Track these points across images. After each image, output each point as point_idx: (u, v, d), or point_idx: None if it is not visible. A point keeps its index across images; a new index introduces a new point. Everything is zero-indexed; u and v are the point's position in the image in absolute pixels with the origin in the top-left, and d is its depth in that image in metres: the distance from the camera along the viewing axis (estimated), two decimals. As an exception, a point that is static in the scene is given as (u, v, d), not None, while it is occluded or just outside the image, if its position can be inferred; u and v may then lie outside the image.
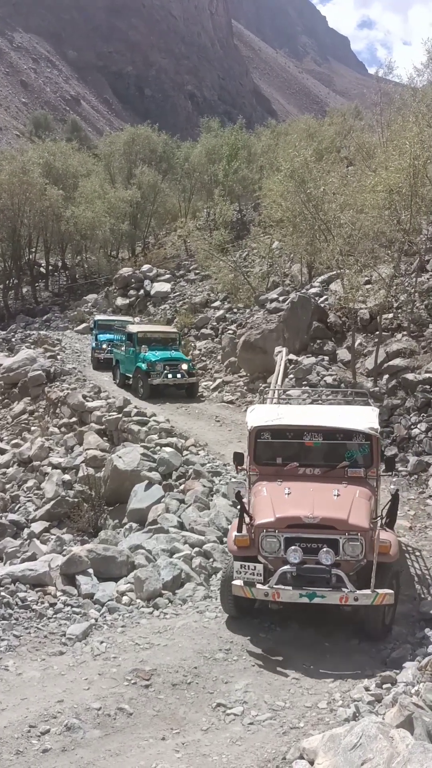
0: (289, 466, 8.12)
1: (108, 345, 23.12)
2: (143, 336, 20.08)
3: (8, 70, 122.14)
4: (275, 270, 25.00)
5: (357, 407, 9.04)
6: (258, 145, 39.88)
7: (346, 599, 6.81)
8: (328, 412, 8.92)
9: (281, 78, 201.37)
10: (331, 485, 7.70)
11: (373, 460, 8.02)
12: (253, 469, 8.33)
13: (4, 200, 36.44)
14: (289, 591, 6.94)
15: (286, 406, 9.71)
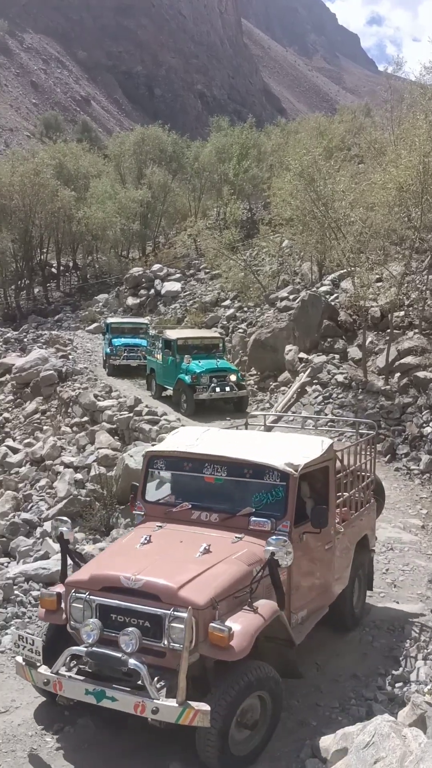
0: (179, 507, 6.40)
1: (126, 350, 22.19)
2: (184, 343, 18.09)
3: (19, 71, 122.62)
4: (285, 268, 24.99)
5: (306, 436, 7.47)
6: (268, 143, 39.87)
7: (142, 708, 4.79)
8: (252, 440, 7.12)
9: (291, 76, 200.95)
10: (215, 537, 5.87)
11: (287, 510, 5.96)
12: (138, 507, 6.73)
13: (16, 201, 36.68)
14: (75, 683, 5.11)
15: (222, 431, 7.71)
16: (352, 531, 7.35)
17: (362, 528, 7.74)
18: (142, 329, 23.67)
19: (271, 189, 25.93)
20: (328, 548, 6.65)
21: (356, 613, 7.53)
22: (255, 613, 5.19)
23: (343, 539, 7.02)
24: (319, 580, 6.64)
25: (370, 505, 8.10)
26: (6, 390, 21.98)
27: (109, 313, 32.25)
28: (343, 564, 7.06)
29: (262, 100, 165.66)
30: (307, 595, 6.37)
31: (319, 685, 6.44)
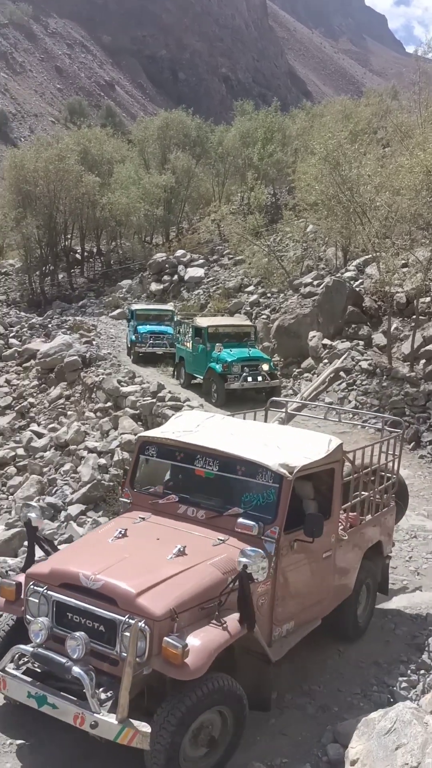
0: (166, 499, 6.03)
1: (151, 337, 21.91)
2: (215, 331, 17.72)
3: (43, 56, 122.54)
4: (310, 254, 24.81)
5: (315, 434, 6.83)
6: (293, 127, 39.41)
7: (81, 720, 4.48)
8: (255, 433, 6.52)
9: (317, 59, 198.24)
10: (195, 538, 5.45)
11: (277, 514, 5.46)
12: (126, 495, 6.39)
13: (41, 188, 36.77)
14: (20, 683, 4.80)
15: (229, 419, 7.31)
16: (362, 538, 6.87)
17: (375, 534, 7.21)
18: (168, 316, 23.39)
19: (295, 173, 25.71)
20: (326, 557, 6.14)
21: (360, 623, 7.05)
22: (221, 629, 4.71)
23: (348, 547, 6.52)
24: (312, 591, 6.05)
25: (388, 510, 7.53)
26: (31, 375, 22.17)
27: (133, 299, 32.29)
28: (346, 573, 6.58)
29: (287, 84, 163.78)
30: (296, 607, 5.82)
31: (341, 671, 6.45)
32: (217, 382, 16.50)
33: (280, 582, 5.51)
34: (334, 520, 6.23)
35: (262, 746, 5.37)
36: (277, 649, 5.50)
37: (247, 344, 17.57)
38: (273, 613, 5.50)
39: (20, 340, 26.75)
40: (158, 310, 24.16)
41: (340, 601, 6.52)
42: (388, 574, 7.89)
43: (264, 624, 5.38)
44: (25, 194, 37.38)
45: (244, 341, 17.80)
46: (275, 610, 5.52)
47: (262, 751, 5.30)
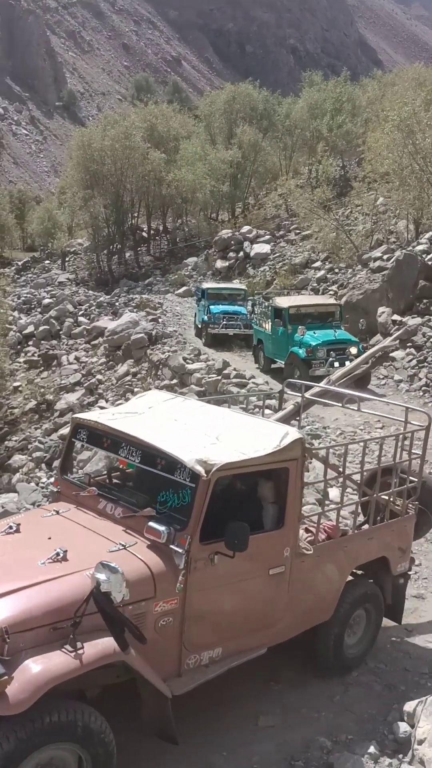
0: (87, 491, 5.36)
1: (225, 318, 20.99)
2: (296, 312, 16.38)
3: (110, 33, 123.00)
4: (379, 227, 24.15)
5: (276, 426, 5.68)
6: (363, 97, 38.31)
7: None
8: (199, 420, 5.62)
9: (388, 26, 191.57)
10: (92, 540, 4.78)
11: (190, 521, 4.61)
12: (55, 482, 5.82)
13: (108, 166, 37.10)
14: None
15: (191, 402, 6.43)
16: (345, 553, 5.79)
17: (373, 549, 6.08)
18: (240, 295, 22.77)
19: (366, 144, 25.00)
20: (275, 574, 5.15)
21: (349, 656, 5.92)
22: (71, 655, 3.94)
23: (318, 563, 5.51)
24: (252, 615, 5.10)
25: (400, 520, 6.30)
26: (99, 353, 22.58)
27: (198, 277, 32.31)
28: (318, 594, 5.58)
29: (357, 53, 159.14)
30: (224, 632, 4.92)
31: (408, 651, 6.35)
32: (300, 368, 15.04)
33: (193, 601, 4.64)
34: (289, 531, 5.20)
35: (327, 722, 5.35)
36: (186, 680, 4.68)
37: (332, 325, 16.14)
38: (183, 637, 4.66)
39: (89, 318, 27.25)
40: (230, 289, 23.33)
41: (309, 626, 5.59)
42: (404, 596, 6.55)
43: (168, 650, 4.61)
44: (92, 173, 37.84)
45: (329, 322, 16.34)
46: (186, 633, 4.66)
47: (327, 727, 5.28)
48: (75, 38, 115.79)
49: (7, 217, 48.80)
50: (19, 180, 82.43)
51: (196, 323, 22.92)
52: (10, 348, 24.20)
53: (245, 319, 20.79)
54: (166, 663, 4.61)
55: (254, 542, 4.80)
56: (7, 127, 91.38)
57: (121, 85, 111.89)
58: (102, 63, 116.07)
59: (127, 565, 4.35)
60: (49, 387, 21.53)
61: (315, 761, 4.90)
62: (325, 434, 12.71)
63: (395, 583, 6.38)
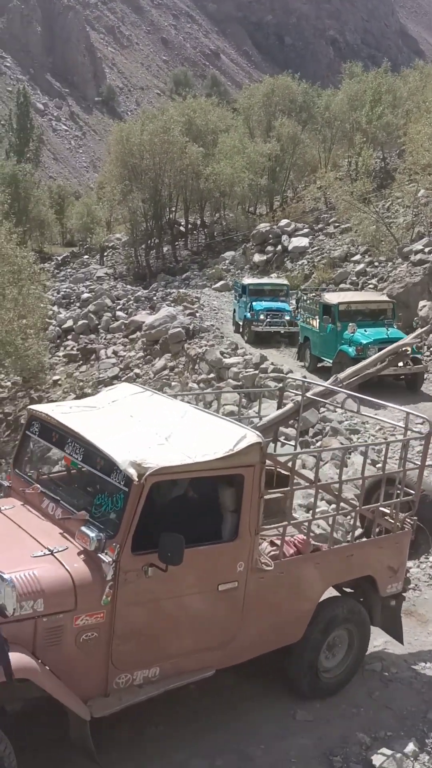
0: (31, 488, 5.08)
1: (268, 315, 20.17)
2: (346, 309, 15.69)
3: (149, 28, 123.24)
4: (421, 220, 23.73)
5: (233, 425, 5.12)
6: (404, 88, 37.68)
7: None
8: (157, 417, 5.24)
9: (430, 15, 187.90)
10: (22, 542, 4.50)
11: (120, 528, 4.27)
12: (7, 476, 5.54)
13: (146, 161, 37.25)
14: None
15: (158, 398, 5.82)
16: (318, 571, 5.30)
17: (354, 566, 5.58)
18: (283, 291, 22.01)
19: (407, 135, 24.59)
20: (227, 590, 4.74)
21: (326, 679, 5.48)
22: None
23: (282, 580, 5.05)
24: (197, 632, 4.72)
25: (391, 537, 5.77)
26: (137, 347, 22.74)
27: (236, 271, 32.24)
28: (283, 613, 5.15)
29: (398, 43, 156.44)
30: (163, 650, 4.59)
31: (449, 649, 6.27)
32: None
33: (123, 616, 4.31)
34: (244, 544, 4.76)
35: (366, 718, 5.32)
36: (112, 701, 4.34)
37: (384, 323, 15.40)
38: (112, 654, 4.35)
39: (126, 312, 27.45)
40: (272, 285, 22.53)
41: (273, 647, 5.20)
42: (399, 620, 6.00)
43: (93, 667, 4.29)
44: (131, 168, 38.03)
45: (380, 320, 15.61)
46: (116, 650, 4.35)
47: (366, 723, 5.25)
48: (114, 33, 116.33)
49: (47, 213, 49.38)
50: (58, 175, 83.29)
51: (236, 320, 22.27)
52: (50, 342, 24.53)
53: (290, 316, 20.18)
54: (89, 681, 4.27)
55: (200, 555, 4.53)
56: (47, 122, 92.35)
57: (160, 80, 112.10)
58: (141, 58, 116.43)
59: (46, 572, 4.12)
60: (88, 381, 21.78)
61: (353, 757, 4.88)
62: (364, 429, 12.59)
63: (386, 605, 5.85)
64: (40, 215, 47.86)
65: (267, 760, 4.82)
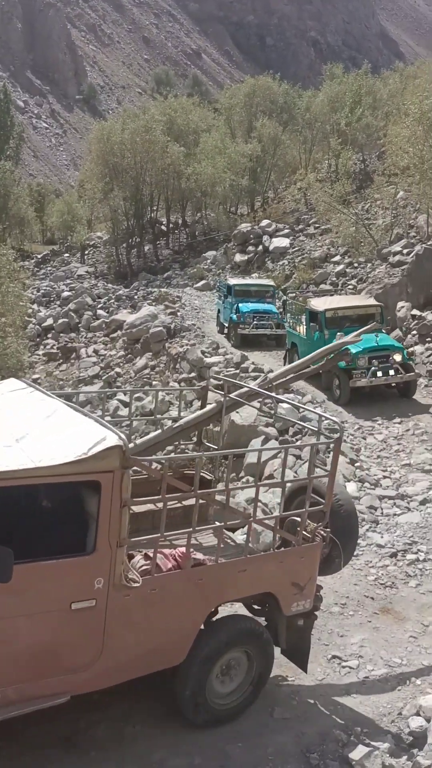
0: None
1: (255, 317, 19.57)
2: (333, 315, 15.06)
3: (131, 27, 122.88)
4: (399, 221, 23.94)
5: (94, 426, 4.58)
6: (384, 90, 37.95)
7: None
8: (18, 416, 4.90)
9: (410, 18, 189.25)
10: None
11: None
12: None
13: (127, 159, 37.16)
14: None
15: (36, 393, 5.36)
16: (200, 587, 4.84)
17: (246, 583, 5.10)
18: (269, 292, 21.53)
19: (386, 137, 24.78)
20: (81, 608, 4.32)
21: (220, 706, 5.07)
22: None
23: (156, 599, 4.63)
24: (42, 656, 4.29)
25: (289, 551, 5.33)
26: (118, 346, 22.70)
27: (218, 270, 32.28)
28: (156, 636, 4.70)
29: (379, 45, 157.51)
30: (5, 675, 4.18)
31: (425, 646, 6.35)
32: (340, 378, 13.95)
33: None
34: (103, 558, 4.34)
35: (343, 715, 5.39)
36: None
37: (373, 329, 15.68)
38: None
39: (107, 311, 27.38)
40: (259, 285, 21.84)
41: (147, 671, 4.79)
42: (307, 641, 5.54)
43: None
44: (112, 166, 37.90)
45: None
46: None
47: (343, 720, 5.31)
48: (95, 31, 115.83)
49: (27, 211, 49.04)
50: (38, 173, 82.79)
51: (221, 321, 21.79)
52: (29, 340, 24.38)
53: (276, 319, 19.75)
54: None
55: (45, 570, 4.16)
56: (28, 120, 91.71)
57: (141, 79, 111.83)
58: (122, 56, 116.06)
59: None
60: (68, 379, 21.70)
61: (330, 754, 4.94)
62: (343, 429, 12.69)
63: (292, 625, 5.38)
64: (19, 213, 47.53)
65: (245, 758, 4.86)
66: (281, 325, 19.22)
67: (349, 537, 5.78)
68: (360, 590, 7.33)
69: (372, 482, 10.45)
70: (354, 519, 5.88)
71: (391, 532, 8.77)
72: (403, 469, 10.97)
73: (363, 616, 6.86)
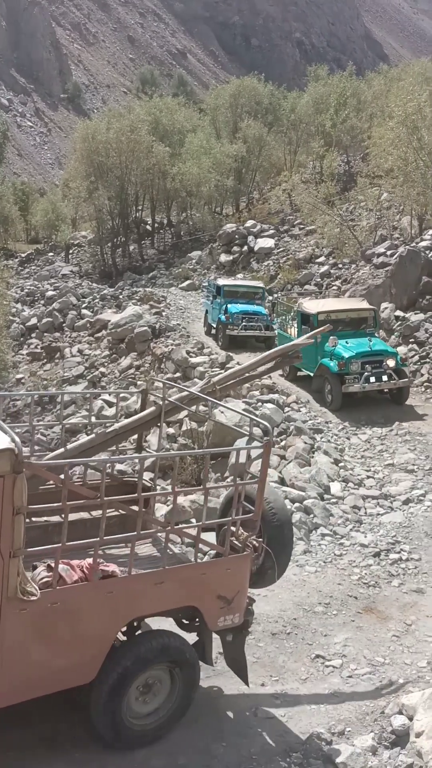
0: None
1: (245, 318, 19.28)
2: (326, 319, 14.31)
3: (116, 26, 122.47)
4: (383, 223, 24.07)
5: None
6: (368, 92, 38.15)
7: None
8: None
9: (394, 20, 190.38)
10: None
11: None
12: None
13: (112, 159, 37.06)
14: None
15: None
16: (109, 601, 4.57)
17: (165, 597, 4.83)
18: (258, 294, 21.20)
19: (370, 139, 24.92)
20: None
21: (138, 727, 4.82)
22: None
23: (57, 614, 4.36)
24: None
25: (213, 563, 5.32)
26: (102, 345, 22.62)
27: (203, 271, 32.28)
28: (59, 653, 4.43)
29: (363, 47, 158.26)
30: None
31: (407, 645, 6.39)
32: (332, 383, 13.67)
33: None
34: None
35: (326, 714, 5.41)
36: None
37: (366, 333, 14.50)
38: None
39: (92, 311, 27.29)
40: (248, 287, 21.53)
41: (49, 691, 4.52)
42: (242, 656, 5.32)
43: None
44: (96, 166, 37.77)
45: (362, 329, 14.69)
46: None
47: (326, 719, 5.34)
48: (80, 30, 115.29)
49: (11, 209, 48.79)
50: (23, 172, 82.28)
51: (209, 322, 21.56)
52: (13, 340, 24.25)
53: (266, 320, 19.51)
54: None
55: None
56: (12, 119, 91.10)
57: (126, 78, 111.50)
58: (107, 55, 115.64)
59: None
60: (52, 379, 21.59)
61: (314, 753, 4.96)
62: (327, 429, 12.75)
63: (224, 640, 5.19)
64: (3, 212, 47.31)
65: (229, 757, 4.87)
66: (270, 326, 19.11)
67: (283, 547, 5.50)
68: (344, 590, 7.37)
69: (356, 482, 10.53)
70: (288, 528, 5.62)
71: (375, 531, 8.82)
72: (386, 468, 11.04)
73: (346, 616, 6.89)
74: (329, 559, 8.12)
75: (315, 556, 8.21)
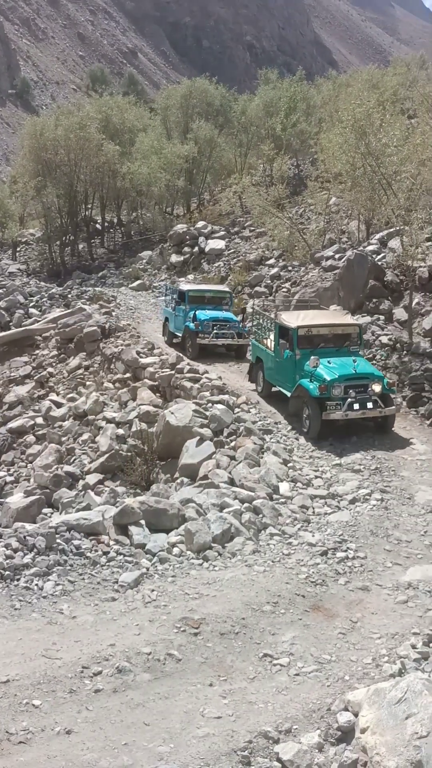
0: None
1: (215, 326, 18.06)
2: (307, 334, 13.29)
3: (66, 22, 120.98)
4: (332, 227, 24.45)
5: None
6: (317, 97, 38.66)
7: None
8: None
9: (343, 27, 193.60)
10: None
11: None
12: None
13: (61, 156, 36.59)
14: None
15: None
16: None
17: None
18: (226, 299, 20.02)
19: (319, 144, 25.26)
20: None
21: None
22: None
23: None
24: None
25: None
26: (50, 345, 22.30)
27: (153, 271, 32.16)
28: None
29: (313, 52, 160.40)
30: None
31: (353, 642, 6.50)
32: (311, 408, 12.34)
33: None
34: None
35: (273, 712, 5.46)
36: None
37: (349, 351, 13.32)
38: None
39: (40, 310, 26.88)
40: (214, 292, 20.30)
41: None
42: None
43: None
44: (45, 163, 37.22)
45: (345, 346, 13.47)
46: None
47: (273, 717, 5.39)
48: (29, 25, 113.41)
49: (-43, 206, 47.55)
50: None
51: (171, 330, 20.20)
52: (-42, 339, 23.66)
53: (237, 327, 18.41)
54: None
55: None
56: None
57: (76, 75, 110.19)
58: (57, 52, 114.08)
59: None
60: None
61: (261, 751, 5.00)
62: (277, 429, 12.86)
63: None
64: None
65: (176, 757, 4.87)
66: (243, 333, 18.09)
67: None
68: (291, 588, 7.45)
69: (304, 482, 10.66)
70: None
71: (322, 530, 8.95)
72: (334, 468, 11.21)
73: (294, 614, 6.97)
74: (278, 558, 8.21)
75: (264, 556, 8.28)
